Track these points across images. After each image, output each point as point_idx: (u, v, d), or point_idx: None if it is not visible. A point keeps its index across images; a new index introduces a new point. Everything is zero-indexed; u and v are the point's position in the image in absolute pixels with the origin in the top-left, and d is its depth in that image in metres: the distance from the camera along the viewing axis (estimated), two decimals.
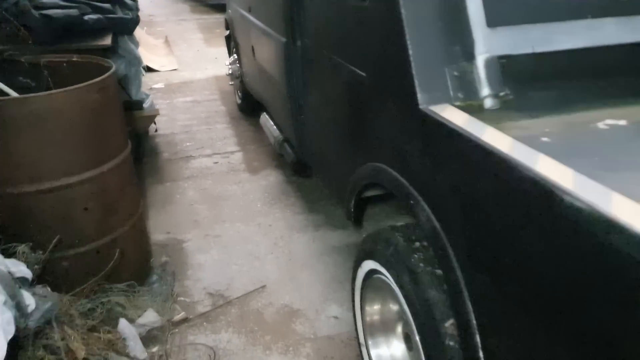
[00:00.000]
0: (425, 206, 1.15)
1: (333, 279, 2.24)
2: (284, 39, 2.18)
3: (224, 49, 4.64)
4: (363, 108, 1.49)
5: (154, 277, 2.20)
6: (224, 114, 4.33)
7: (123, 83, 2.85)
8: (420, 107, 1.14)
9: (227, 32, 4.25)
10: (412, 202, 1.20)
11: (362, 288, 1.62)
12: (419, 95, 1.15)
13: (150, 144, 3.66)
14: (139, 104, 3.22)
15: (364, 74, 1.44)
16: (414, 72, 1.16)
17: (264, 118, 3.19)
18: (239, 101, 4.28)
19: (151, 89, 4.91)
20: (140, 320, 1.96)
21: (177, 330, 1.98)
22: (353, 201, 1.67)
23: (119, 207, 1.96)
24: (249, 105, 4.10)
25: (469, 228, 1.03)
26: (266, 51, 2.59)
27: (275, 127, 2.96)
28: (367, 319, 1.62)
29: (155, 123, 3.50)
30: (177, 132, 3.93)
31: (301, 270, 2.30)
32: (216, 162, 3.39)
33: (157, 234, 2.55)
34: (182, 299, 2.14)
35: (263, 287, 2.20)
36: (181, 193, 2.98)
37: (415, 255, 1.30)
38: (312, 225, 2.59)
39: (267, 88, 2.80)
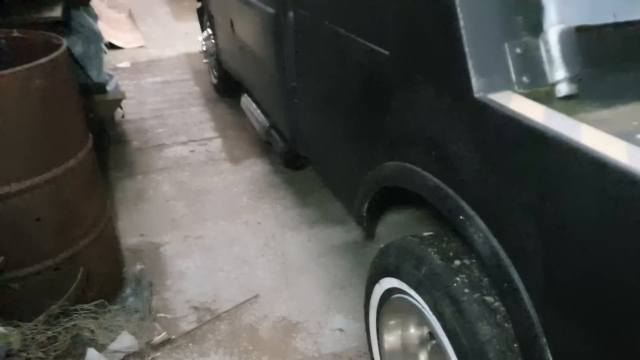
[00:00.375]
0: (482, 224, 0.89)
1: (334, 285, 1.98)
2: (271, 10, 1.86)
3: (196, 24, 4.23)
4: (383, 94, 1.20)
5: (128, 291, 1.90)
6: (199, 96, 3.96)
7: (81, 63, 2.47)
8: (476, 95, 0.87)
9: (199, 5, 3.85)
10: (462, 217, 0.93)
11: (380, 308, 1.37)
12: (474, 80, 0.88)
13: (117, 132, 3.29)
14: (101, 87, 2.84)
15: (386, 52, 1.15)
16: (466, 50, 0.88)
17: (246, 100, 2.86)
18: (215, 81, 3.92)
19: (116, 68, 4.48)
20: (113, 346, 1.67)
21: (158, 354, 1.70)
22: (366, 205, 1.40)
23: (81, 215, 1.63)
24: (226, 86, 3.75)
25: (553, 258, 0.77)
26: (249, 25, 2.25)
27: (259, 111, 2.64)
28: (386, 346, 1.37)
29: (121, 108, 3.12)
30: (147, 117, 3.55)
31: (298, 275, 2.03)
32: (192, 151, 3.06)
33: (129, 237, 2.23)
34: (162, 315, 1.85)
35: (256, 297, 1.93)
36: (155, 187, 2.65)
37: (457, 279, 1.05)
38: (306, 222, 2.32)
39: (250, 68, 2.47)
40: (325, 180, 1.93)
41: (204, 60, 4.00)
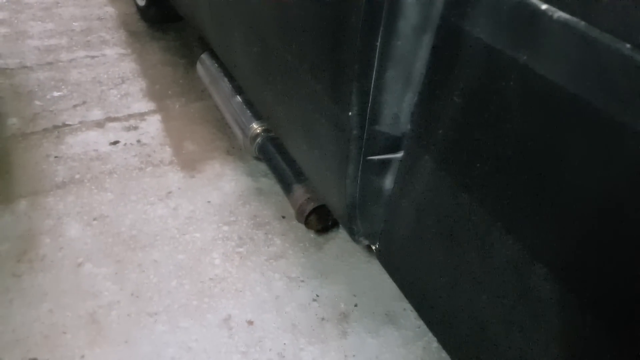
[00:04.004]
0: None
1: None
2: None
3: None
4: None
5: None
6: (115, 25, 2.60)
7: None
8: None
9: None
10: None
11: None
12: None
13: None
14: None
15: None
16: None
17: (211, 68, 1.73)
18: (141, 3, 2.57)
19: None
20: None
21: None
22: None
23: None
24: (161, 12, 2.47)
25: None
26: None
27: (241, 99, 1.54)
28: None
29: None
30: (32, 65, 2.22)
31: None
32: (116, 142, 1.88)
33: None
34: None
35: None
36: (54, 230, 1.52)
37: None
38: (331, 318, 1.39)
39: (246, 43, 1.30)
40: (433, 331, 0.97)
41: None
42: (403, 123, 0.86)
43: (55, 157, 1.77)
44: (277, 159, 1.40)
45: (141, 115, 2.03)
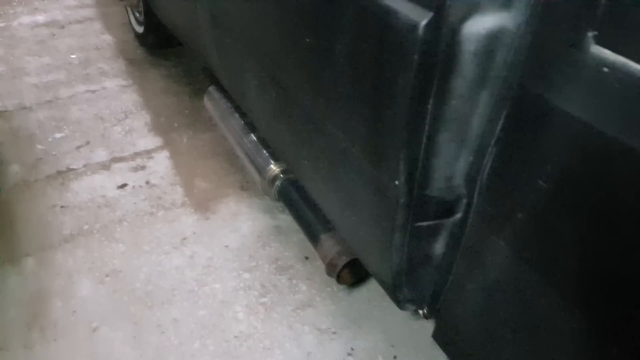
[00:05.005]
0: None
1: None
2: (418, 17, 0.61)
3: None
4: None
5: None
6: (114, 54, 2.50)
7: None
8: None
9: None
10: None
11: None
12: None
13: None
14: None
15: None
16: None
17: (220, 102, 1.62)
18: (139, 29, 2.47)
19: None
20: None
21: None
22: None
23: None
24: (159, 38, 2.37)
25: None
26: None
27: (255, 138, 1.44)
28: None
29: None
30: (31, 105, 2.12)
31: None
32: (124, 185, 1.78)
33: None
34: None
35: None
36: (64, 291, 1.42)
37: None
38: None
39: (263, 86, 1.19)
40: None
41: None
42: (457, 186, 0.75)
43: (61, 206, 1.67)
44: (300, 205, 1.29)
45: (148, 153, 1.92)
